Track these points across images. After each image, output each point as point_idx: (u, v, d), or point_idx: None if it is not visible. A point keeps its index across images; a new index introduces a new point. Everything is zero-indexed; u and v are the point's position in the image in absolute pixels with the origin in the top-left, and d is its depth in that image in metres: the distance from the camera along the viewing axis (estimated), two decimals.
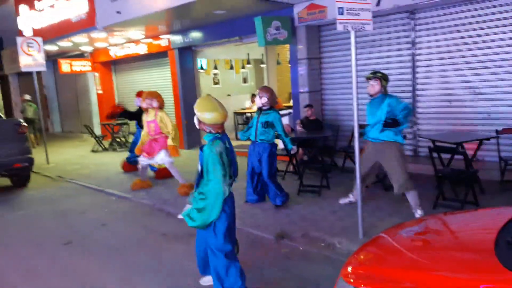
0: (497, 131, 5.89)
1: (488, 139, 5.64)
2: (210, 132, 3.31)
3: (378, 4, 6.76)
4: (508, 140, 6.23)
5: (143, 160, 7.08)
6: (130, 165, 8.70)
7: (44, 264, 4.69)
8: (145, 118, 7.07)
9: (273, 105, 5.90)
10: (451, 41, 6.76)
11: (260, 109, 5.88)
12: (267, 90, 5.86)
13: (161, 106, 6.99)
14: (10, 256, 5.03)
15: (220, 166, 3.20)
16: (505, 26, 6.20)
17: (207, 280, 3.82)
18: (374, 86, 5.10)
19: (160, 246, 4.98)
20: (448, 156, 5.74)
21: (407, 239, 2.73)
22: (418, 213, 5.01)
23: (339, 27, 4.04)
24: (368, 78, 5.14)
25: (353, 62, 4.26)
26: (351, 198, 5.67)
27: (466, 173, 5.28)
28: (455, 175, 5.37)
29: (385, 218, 5.10)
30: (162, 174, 7.86)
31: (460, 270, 2.11)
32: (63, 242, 5.27)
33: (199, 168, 3.41)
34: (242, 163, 5.41)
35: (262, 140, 5.79)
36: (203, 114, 3.28)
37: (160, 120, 6.87)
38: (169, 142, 6.79)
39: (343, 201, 5.71)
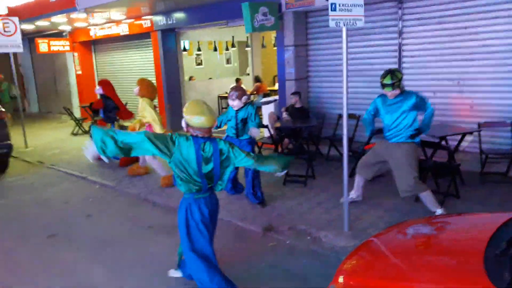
0: (479, 124, 6.01)
1: (471, 133, 5.75)
2: (196, 136, 3.28)
3: None
4: (489, 132, 6.37)
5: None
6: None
7: (30, 258, 4.63)
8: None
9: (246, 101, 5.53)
10: (437, 32, 6.79)
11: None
12: (239, 89, 5.55)
13: (144, 95, 6.63)
14: None
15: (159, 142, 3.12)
16: (491, 18, 6.26)
17: (175, 272, 3.91)
18: (394, 93, 4.75)
19: (147, 239, 4.97)
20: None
21: (397, 245, 2.79)
22: (439, 212, 4.79)
23: (331, 24, 4.00)
24: (386, 87, 4.74)
25: (344, 58, 4.24)
26: (352, 195, 5.38)
27: (448, 167, 5.40)
28: (438, 168, 5.47)
29: (369, 210, 5.19)
30: (125, 162, 7.83)
31: (446, 282, 2.16)
32: (48, 234, 5.20)
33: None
34: None
35: (244, 137, 5.52)
36: (191, 118, 3.23)
37: (142, 109, 6.67)
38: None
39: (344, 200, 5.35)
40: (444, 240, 2.83)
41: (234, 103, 5.43)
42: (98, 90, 7.98)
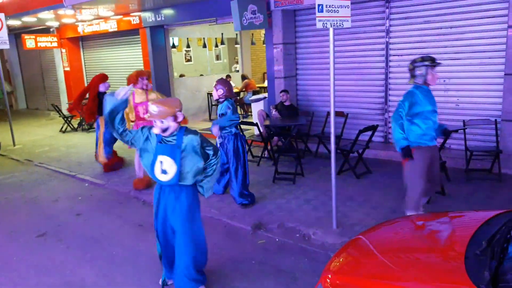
0: (464, 122, 6.13)
1: (456, 131, 5.86)
2: None
3: None
4: (474, 130, 6.51)
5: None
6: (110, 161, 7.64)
7: (19, 257, 4.63)
8: (134, 100, 6.24)
9: (230, 97, 5.45)
10: (424, 31, 6.89)
11: (217, 101, 5.53)
12: (224, 82, 5.45)
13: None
14: None
15: None
16: (476, 19, 6.37)
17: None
18: (435, 76, 4.21)
19: (137, 237, 4.99)
20: None
21: (383, 243, 2.87)
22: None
23: (318, 24, 4.05)
24: (433, 65, 4.17)
25: (331, 57, 4.29)
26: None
27: None
28: None
29: (357, 208, 5.28)
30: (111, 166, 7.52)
31: (428, 281, 2.24)
32: (37, 233, 5.20)
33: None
34: None
35: (225, 132, 5.47)
36: None
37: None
38: None
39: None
40: (428, 238, 2.91)
41: (214, 93, 5.48)
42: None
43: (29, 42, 12.68)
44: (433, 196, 5.10)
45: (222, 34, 13.72)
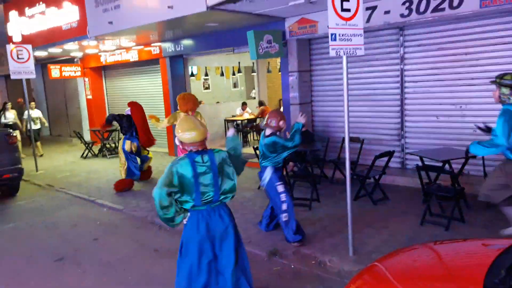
0: None
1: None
2: (190, 151, 3.37)
3: (368, 20, 6.89)
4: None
5: None
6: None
7: (37, 280, 4.70)
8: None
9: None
10: (438, 57, 6.93)
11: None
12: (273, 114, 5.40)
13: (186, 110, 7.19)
14: (1, 270, 5.03)
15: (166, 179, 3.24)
16: (490, 45, 6.39)
17: None
18: (494, 93, 4.71)
19: (152, 262, 5.02)
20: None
21: (400, 271, 2.82)
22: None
23: (332, 53, 4.14)
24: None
25: (345, 84, 4.35)
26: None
27: (452, 191, 5.43)
28: (442, 192, 5.51)
29: (374, 234, 5.21)
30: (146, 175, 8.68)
31: None
32: (55, 257, 5.28)
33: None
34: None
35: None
36: (183, 135, 3.34)
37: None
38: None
39: (507, 232, 4.85)
40: (446, 266, 2.86)
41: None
42: (127, 111, 8.38)
43: (54, 71, 13.20)
44: None
45: (239, 62, 14.02)
